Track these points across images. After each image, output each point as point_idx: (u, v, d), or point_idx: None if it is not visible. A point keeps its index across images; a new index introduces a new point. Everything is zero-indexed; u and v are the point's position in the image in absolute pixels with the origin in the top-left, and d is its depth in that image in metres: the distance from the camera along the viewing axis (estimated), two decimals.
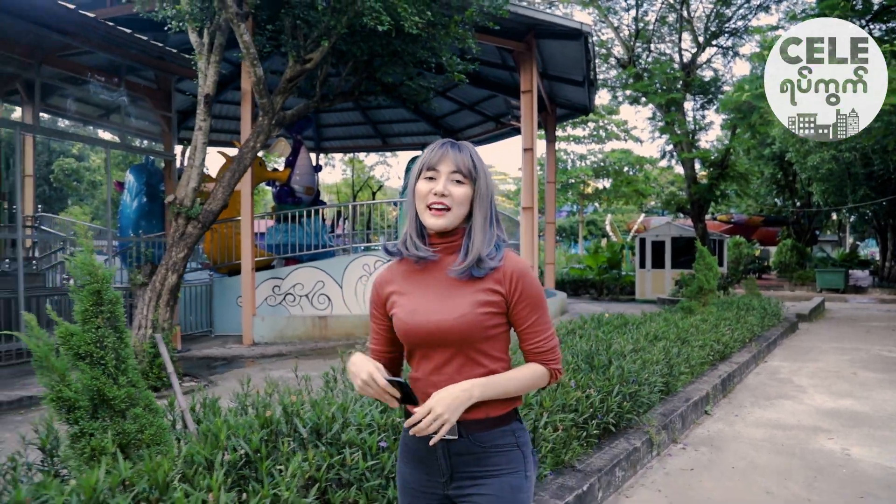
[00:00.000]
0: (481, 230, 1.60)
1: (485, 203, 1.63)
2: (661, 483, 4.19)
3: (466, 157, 1.62)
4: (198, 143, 7.18)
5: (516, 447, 1.63)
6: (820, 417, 5.87)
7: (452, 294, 1.60)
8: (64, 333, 2.51)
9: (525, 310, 1.62)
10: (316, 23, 6.92)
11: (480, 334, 1.58)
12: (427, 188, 1.60)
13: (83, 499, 1.89)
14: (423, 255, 1.62)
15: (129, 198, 13.85)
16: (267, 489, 2.11)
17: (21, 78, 10.14)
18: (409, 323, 1.63)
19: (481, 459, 1.60)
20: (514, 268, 1.61)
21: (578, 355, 4.82)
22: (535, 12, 12.28)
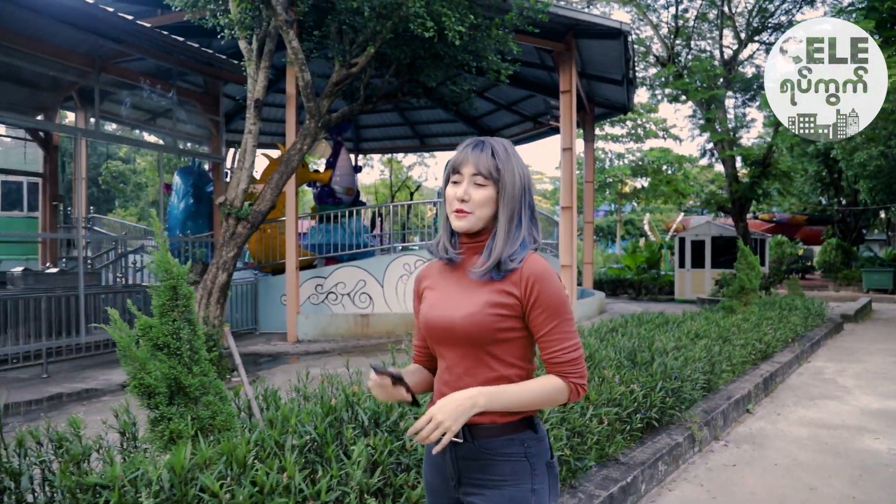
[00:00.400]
0: (505, 231, 1.58)
1: (511, 202, 1.59)
2: (704, 478, 4.26)
3: (488, 156, 1.57)
4: (248, 146, 7.44)
5: (524, 458, 1.57)
6: (866, 418, 5.85)
7: (468, 293, 1.60)
8: (143, 325, 2.72)
9: (541, 315, 1.56)
10: (362, 28, 7.12)
11: (489, 336, 1.55)
12: (452, 193, 1.60)
13: (175, 473, 2.08)
14: (449, 256, 1.64)
15: (176, 199, 14.29)
16: (335, 470, 2.28)
17: (77, 85, 10.60)
18: (427, 316, 1.66)
19: (486, 467, 1.56)
20: (531, 271, 1.56)
21: (621, 352, 4.91)
22: (574, 13, 12.31)
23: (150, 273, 12.60)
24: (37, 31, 7.87)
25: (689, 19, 18.72)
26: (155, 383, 2.59)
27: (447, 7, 6.96)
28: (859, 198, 26.70)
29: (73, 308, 8.49)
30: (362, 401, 2.87)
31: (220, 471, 2.24)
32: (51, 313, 8.18)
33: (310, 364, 8.77)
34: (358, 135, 22.14)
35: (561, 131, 13.51)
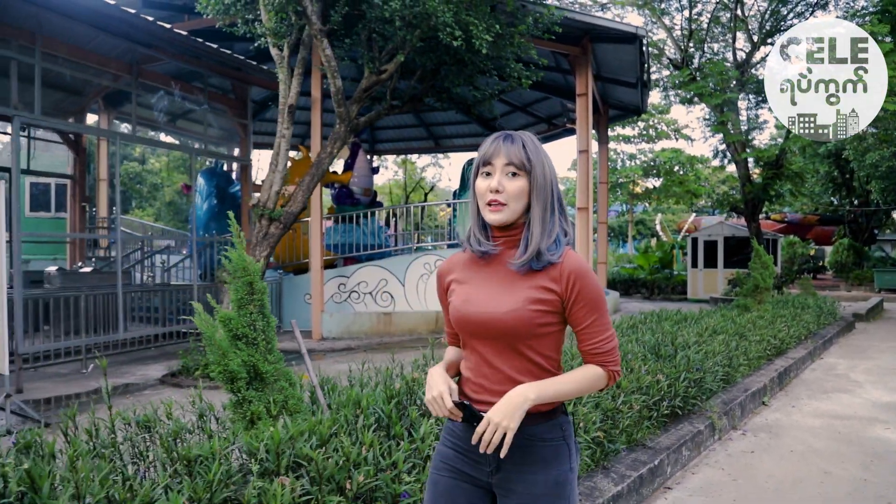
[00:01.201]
0: (540, 222, 1.61)
1: (543, 193, 1.62)
2: (724, 462, 4.54)
3: (519, 148, 1.61)
4: (280, 149, 7.77)
5: (563, 440, 1.65)
6: (877, 410, 6.10)
7: (507, 288, 1.62)
8: (223, 317, 3.03)
9: (583, 310, 1.60)
10: (391, 36, 7.42)
11: (529, 331, 1.59)
12: (485, 185, 1.62)
13: (272, 444, 2.38)
14: (484, 249, 1.65)
15: (199, 200, 14.64)
16: (407, 444, 2.58)
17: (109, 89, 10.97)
18: (461, 311, 1.66)
19: (528, 452, 1.61)
20: (572, 267, 1.60)
21: (645, 346, 5.20)
22: (591, 17, 12.58)
23: (176, 271, 12.98)
24: (78, 39, 8.23)
25: (702, 22, 18.92)
26: (238, 369, 2.90)
27: (474, 16, 7.26)
28: (871, 198, 26.81)
29: (110, 306, 8.83)
30: (421, 386, 3.18)
31: (310, 444, 2.54)
32: (90, 311, 8.52)
33: (336, 360, 9.08)
34: (373, 136, 22.45)
35: (577, 134, 13.78)
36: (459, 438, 1.69)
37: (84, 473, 2.07)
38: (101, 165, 15.73)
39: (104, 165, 15.72)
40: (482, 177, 1.63)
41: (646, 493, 3.82)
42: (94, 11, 7.43)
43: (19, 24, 7.30)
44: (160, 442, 2.70)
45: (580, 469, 3.45)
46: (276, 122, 18.96)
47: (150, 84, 9.40)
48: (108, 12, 7.49)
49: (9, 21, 7.22)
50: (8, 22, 7.21)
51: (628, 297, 20.45)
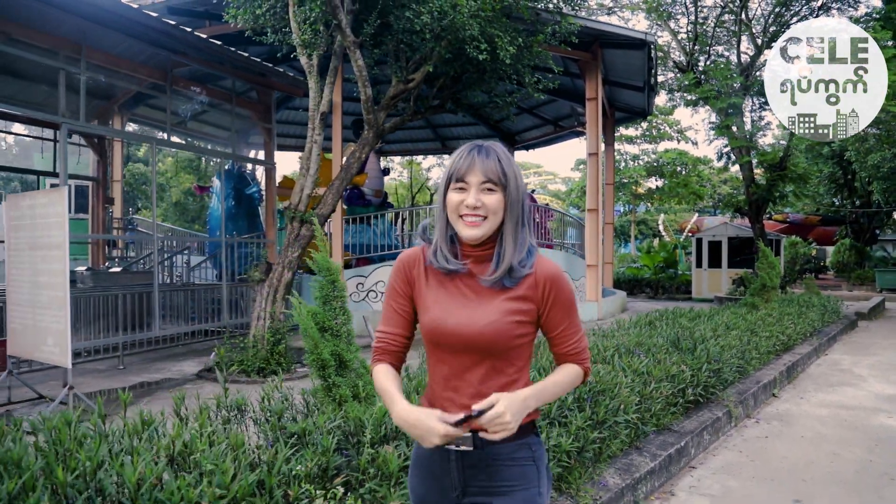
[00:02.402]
0: (512, 237, 1.57)
1: (516, 208, 1.58)
2: (741, 446, 4.94)
3: (494, 162, 1.55)
4: (312, 154, 8.15)
5: (532, 462, 1.59)
6: (880, 401, 6.50)
7: (483, 300, 1.58)
8: (311, 312, 3.42)
9: (559, 314, 1.61)
10: (419, 47, 7.81)
11: (508, 343, 1.56)
12: (458, 199, 1.56)
13: (377, 419, 2.79)
14: (452, 268, 1.60)
15: (216, 201, 15.03)
16: None
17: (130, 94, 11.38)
18: (438, 324, 1.59)
19: (495, 473, 1.56)
20: (546, 274, 1.59)
21: (667, 339, 5.60)
22: (602, 24, 12.99)
23: (199, 271, 13.38)
24: (119, 49, 8.62)
25: (707, 27, 19.29)
26: (328, 358, 3.29)
27: (498, 29, 7.65)
28: (873, 199, 27.18)
29: (145, 304, 9.22)
30: None
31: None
32: (126, 309, 8.90)
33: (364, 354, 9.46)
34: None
35: (587, 137, 14.19)
36: (425, 464, 1.65)
37: (233, 441, 2.47)
38: (116, 167, 16.11)
39: (118, 167, 16.09)
40: (455, 191, 1.57)
41: (674, 471, 4.22)
42: (136, 22, 7.80)
43: (66, 35, 7.69)
44: (272, 420, 3.08)
45: (613, 450, 3.84)
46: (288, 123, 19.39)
47: (182, 90, 9.78)
48: (148, 23, 7.86)
49: (57, 33, 7.60)
50: (56, 34, 7.60)
51: (633, 297, 20.83)
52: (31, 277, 6.33)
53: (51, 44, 7.54)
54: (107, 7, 7.30)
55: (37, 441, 2.45)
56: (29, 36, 7.29)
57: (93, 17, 7.52)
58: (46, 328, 6.10)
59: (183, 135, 13.99)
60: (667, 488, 4.05)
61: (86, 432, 2.61)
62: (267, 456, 2.53)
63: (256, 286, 8.66)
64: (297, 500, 2.35)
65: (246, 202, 14.83)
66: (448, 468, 1.58)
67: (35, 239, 6.27)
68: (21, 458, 2.23)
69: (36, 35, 7.37)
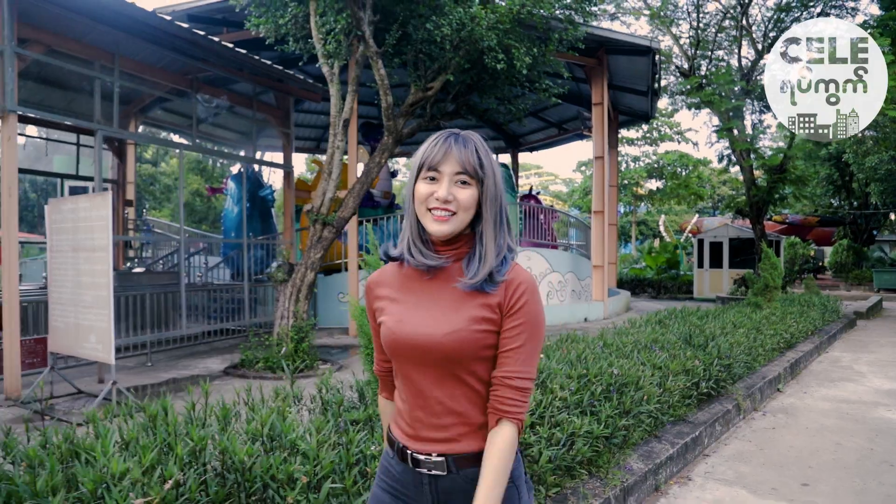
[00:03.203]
0: (492, 238, 1.43)
1: (494, 205, 1.45)
2: (750, 436, 5.29)
3: (472, 153, 1.42)
4: (334, 160, 8.48)
5: (511, 483, 1.45)
6: (879, 395, 6.86)
7: (448, 306, 1.43)
8: (362, 310, 3.76)
9: (518, 328, 1.40)
10: (438, 57, 8.15)
11: (473, 354, 1.40)
12: (428, 191, 1.42)
13: None
14: (431, 263, 1.45)
15: (230, 203, 15.37)
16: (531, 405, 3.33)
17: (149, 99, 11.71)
18: (394, 332, 1.45)
19: (471, 496, 1.39)
20: (521, 280, 1.43)
21: (679, 336, 5.95)
22: (607, 32, 13.34)
23: (217, 272, 13.70)
24: (147, 57, 8.95)
25: (709, 33, 19.65)
26: None
27: (514, 39, 8.00)
28: (870, 200, 27.59)
29: (171, 303, 9.55)
30: None
31: None
32: (154, 309, 9.23)
33: None
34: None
35: (593, 141, 14.55)
36: (396, 480, 1.53)
37: (317, 424, 2.81)
38: (129, 169, 16.43)
39: (132, 169, 16.42)
40: (425, 181, 1.43)
41: (690, 458, 4.57)
42: (167, 33, 8.14)
43: (101, 46, 8.02)
44: (331, 410, 3.42)
45: (636, 438, 4.18)
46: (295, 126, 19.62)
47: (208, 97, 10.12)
48: (179, 33, 8.20)
49: (94, 43, 7.94)
50: (93, 44, 7.93)
51: (636, 297, 21.20)
52: (73, 278, 6.66)
53: (87, 54, 7.88)
54: (141, 19, 7.64)
55: (145, 422, 2.79)
56: (68, 47, 7.64)
57: (127, 29, 7.87)
58: (89, 326, 6.43)
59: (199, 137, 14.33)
60: (684, 474, 4.40)
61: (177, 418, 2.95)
62: (346, 438, 2.87)
63: (279, 286, 8.99)
64: (374, 475, 2.70)
65: (259, 204, 15.16)
66: (422, 490, 1.47)
67: (77, 241, 6.60)
68: (138, 436, 2.58)
69: (74, 46, 7.71)
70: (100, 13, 7.37)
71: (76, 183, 14.60)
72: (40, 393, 6.58)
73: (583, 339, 5.46)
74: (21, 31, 6.92)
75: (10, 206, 6.81)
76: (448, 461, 1.43)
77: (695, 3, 19.23)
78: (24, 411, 6.31)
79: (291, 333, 8.49)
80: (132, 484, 2.08)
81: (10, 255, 6.82)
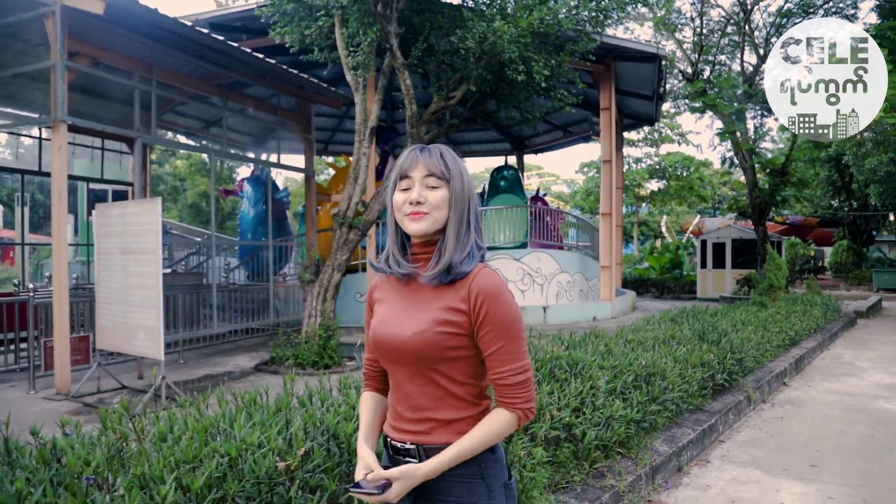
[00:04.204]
0: (455, 234, 1.55)
1: (460, 205, 1.57)
2: (760, 425, 5.72)
3: (437, 158, 1.57)
4: (361, 166, 8.90)
5: (480, 479, 1.54)
6: (879, 389, 7.29)
7: (418, 309, 1.56)
8: None
9: (489, 334, 1.51)
10: (460, 68, 8.58)
11: (437, 354, 1.51)
12: (403, 198, 1.57)
13: None
14: (404, 272, 1.59)
15: (247, 206, 15.77)
16: (567, 390, 3.74)
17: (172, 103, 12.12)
18: (375, 332, 1.62)
19: (443, 488, 1.53)
20: (479, 287, 1.51)
21: (694, 332, 6.39)
22: (615, 39, 13.76)
23: (235, 272, 14.11)
24: (180, 66, 9.37)
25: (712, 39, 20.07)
26: None
27: (533, 52, 8.42)
28: (869, 201, 28.02)
29: (200, 303, 9.97)
30: (561, 357, 4.33)
31: None
32: (185, 308, 9.64)
33: None
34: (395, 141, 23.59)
35: (601, 145, 14.98)
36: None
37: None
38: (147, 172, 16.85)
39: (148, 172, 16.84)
40: (400, 192, 1.58)
41: (707, 444, 5.00)
42: (201, 44, 8.55)
43: (141, 58, 8.44)
44: None
45: (661, 424, 4.60)
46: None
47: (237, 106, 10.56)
48: (213, 45, 8.61)
49: (133, 55, 8.35)
50: (132, 56, 8.35)
51: (640, 297, 21.61)
52: (121, 279, 7.07)
53: (128, 65, 8.29)
54: (179, 32, 8.05)
55: (243, 405, 3.21)
56: (111, 59, 8.04)
57: (165, 41, 8.28)
58: (138, 324, 6.84)
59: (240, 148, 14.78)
60: (702, 457, 4.83)
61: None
62: None
63: (307, 286, 9.40)
64: None
65: (275, 206, 15.57)
66: None
67: (126, 244, 7.01)
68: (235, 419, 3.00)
69: (116, 58, 8.12)
70: (141, 27, 7.77)
71: (97, 186, 14.99)
72: (94, 387, 7.02)
73: (604, 335, 5.89)
74: (70, 45, 7.33)
75: (61, 210, 7.23)
76: (419, 450, 1.55)
77: (698, 10, 19.66)
78: (75, 404, 6.73)
79: (320, 332, 8.90)
80: (267, 452, 2.48)
81: (59, 257, 7.22)
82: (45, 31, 7.16)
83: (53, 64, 7.07)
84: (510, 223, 14.97)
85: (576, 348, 4.86)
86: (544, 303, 13.50)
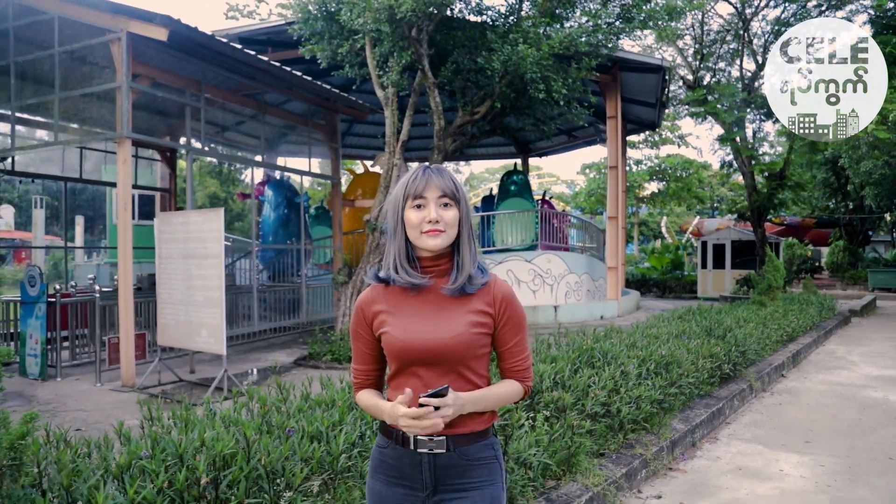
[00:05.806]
0: (468, 249, 1.70)
1: (468, 222, 1.72)
2: (762, 409, 6.50)
3: (449, 180, 1.68)
4: (392, 175, 9.65)
5: (495, 460, 1.74)
6: (868, 380, 8.05)
7: (446, 314, 1.69)
8: None
9: (510, 332, 1.74)
10: (485, 86, 9.34)
11: (472, 353, 1.68)
12: (418, 217, 1.66)
13: None
14: (416, 281, 1.69)
15: (269, 209, 16.45)
16: (603, 375, 4.50)
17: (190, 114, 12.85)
18: (403, 341, 1.69)
19: (465, 472, 1.68)
20: (503, 292, 1.74)
21: (702, 328, 7.15)
22: (622, 52, 14.49)
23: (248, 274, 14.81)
24: (223, 83, 10.12)
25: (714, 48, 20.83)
26: None
27: (551, 71, 9.17)
28: (865, 203, 28.72)
29: (239, 302, 10.70)
30: (594, 348, 5.09)
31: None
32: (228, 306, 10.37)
33: None
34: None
35: (608, 152, 15.74)
36: (392, 468, 1.75)
37: None
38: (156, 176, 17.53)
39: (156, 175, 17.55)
40: (413, 209, 1.68)
41: (716, 424, 5.77)
42: (245, 63, 9.28)
43: (190, 75, 9.17)
44: None
45: (677, 406, 5.36)
46: None
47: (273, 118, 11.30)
48: (258, 65, 9.33)
49: (184, 74, 9.09)
50: (183, 75, 9.08)
51: (643, 297, 22.35)
52: (183, 282, 7.78)
53: (180, 84, 9.03)
54: (228, 53, 8.78)
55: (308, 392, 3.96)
56: (167, 79, 8.78)
57: (214, 61, 9.00)
58: (200, 322, 7.57)
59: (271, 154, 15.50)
60: (712, 435, 5.59)
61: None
62: None
63: (340, 287, 10.15)
64: None
65: (295, 209, 16.27)
66: (419, 470, 1.69)
67: (188, 250, 7.72)
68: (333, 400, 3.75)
69: (171, 77, 8.85)
70: (196, 49, 8.50)
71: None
72: (155, 380, 7.75)
73: (621, 331, 6.64)
74: (133, 67, 8.06)
75: (126, 219, 7.96)
76: (447, 440, 1.67)
77: (699, 19, 20.42)
78: (142, 395, 7.44)
79: None
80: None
81: (125, 262, 7.92)
82: (111, 55, 7.89)
83: (119, 85, 7.80)
84: (521, 226, 15.65)
85: (603, 341, 5.62)
86: (554, 302, 14.21)
